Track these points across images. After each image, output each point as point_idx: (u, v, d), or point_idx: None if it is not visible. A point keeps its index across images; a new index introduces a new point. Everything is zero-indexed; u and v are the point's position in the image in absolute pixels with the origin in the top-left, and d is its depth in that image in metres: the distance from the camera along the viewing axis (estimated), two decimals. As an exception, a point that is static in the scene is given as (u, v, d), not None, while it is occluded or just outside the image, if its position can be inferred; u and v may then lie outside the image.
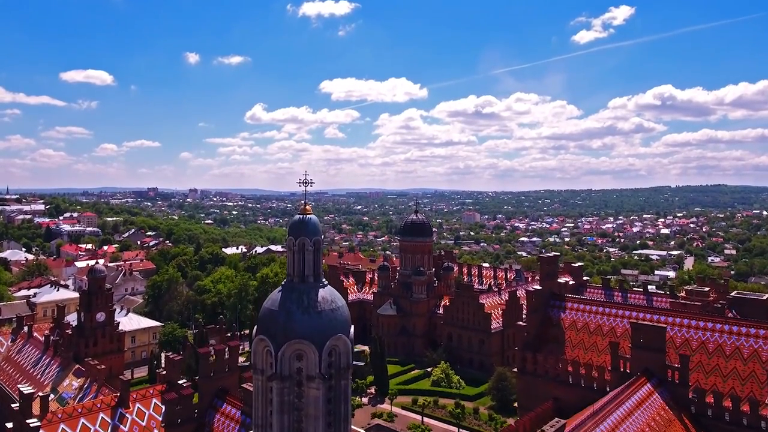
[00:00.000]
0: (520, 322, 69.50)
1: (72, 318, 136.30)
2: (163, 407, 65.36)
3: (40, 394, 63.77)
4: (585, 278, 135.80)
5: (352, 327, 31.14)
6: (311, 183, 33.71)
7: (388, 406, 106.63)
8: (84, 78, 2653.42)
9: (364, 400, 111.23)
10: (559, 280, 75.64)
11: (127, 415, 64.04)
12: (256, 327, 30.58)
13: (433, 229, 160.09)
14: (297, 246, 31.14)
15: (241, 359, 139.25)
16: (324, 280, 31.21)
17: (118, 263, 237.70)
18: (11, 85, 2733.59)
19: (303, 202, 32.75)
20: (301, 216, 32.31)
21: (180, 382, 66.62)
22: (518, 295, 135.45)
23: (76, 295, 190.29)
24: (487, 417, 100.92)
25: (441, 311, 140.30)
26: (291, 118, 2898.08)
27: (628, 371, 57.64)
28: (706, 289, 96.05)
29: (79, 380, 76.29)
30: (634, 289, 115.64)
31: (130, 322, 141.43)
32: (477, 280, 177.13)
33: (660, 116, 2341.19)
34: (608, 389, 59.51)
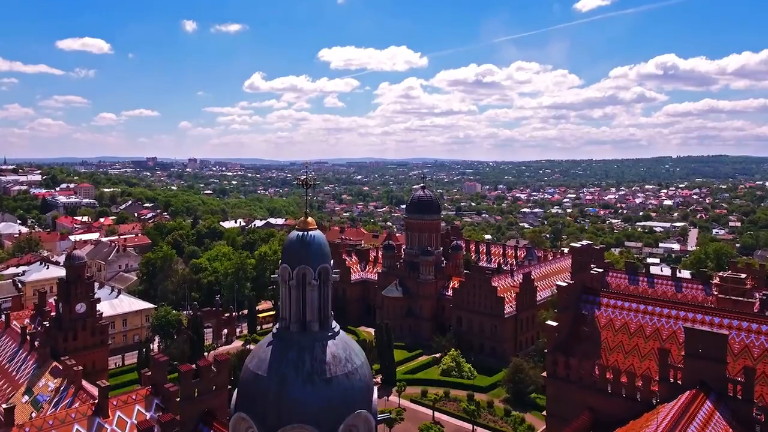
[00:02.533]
0: (550, 322, 61.53)
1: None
2: (147, 415, 58.19)
3: (4, 406, 56.19)
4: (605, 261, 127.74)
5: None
6: (314, 182, 24.68)
7: (396, 398, 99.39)
8: (81, 46, 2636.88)
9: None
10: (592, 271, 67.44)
11: (106, 425, 56.68)
12: (234, 396, 22.22)
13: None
14: (295, 279, 21.85)
15: (238, 343, 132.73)
16: (335, 325, 22.42)
17: (111, 238, 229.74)
18: (8, 54, 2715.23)
19: (304, 211, 23.40)
20: (301, 234, 22.56)
21: (167, 385, 59.59)
22: (532, 276, 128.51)
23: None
24: (502, 412, 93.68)
25: (450, 293, 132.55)
26: (290, 87, 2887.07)
27: (679, 382, 50.03)
28: (743, 276, 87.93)
29: (55, 381, 68.67)
30: (661, 273, 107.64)
31: (121, 304, 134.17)
32: (485, 258, 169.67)
33: (662, 86, 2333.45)
34: (655, 402, 51.99)
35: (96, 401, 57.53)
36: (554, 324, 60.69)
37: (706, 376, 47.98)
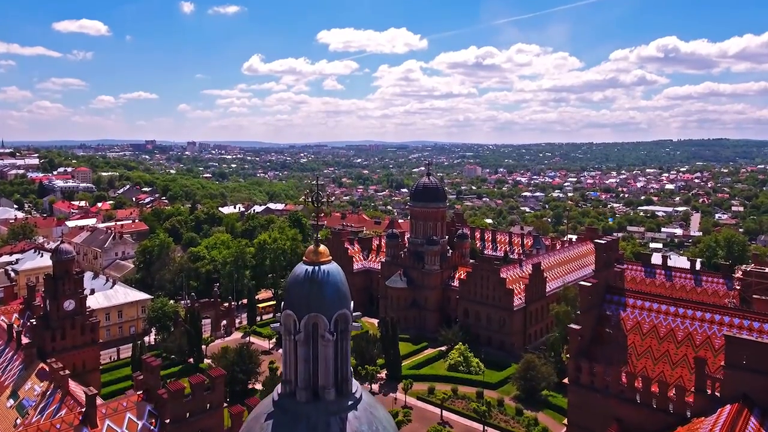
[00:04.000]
0: (573, 325, 57.10)
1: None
2: (139, 424, 54.22)
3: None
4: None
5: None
6: (327, 201, 19.52)
7: (402, 395, 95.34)
8: (78, 28, 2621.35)
9: (375, 387, 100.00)
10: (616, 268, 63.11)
11: (95, 436, 52.60)
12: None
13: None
14: (303, 331, 16.39)
15: (237, 335, 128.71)
16: (356, 387, 17.17)
17: (108, 224, 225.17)
18: (4, 36, 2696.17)
19: (314, 237, 17.84)
20: (311, 269, 17.05)
21: (160, 391, 55.63)
22: (541, 267, 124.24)
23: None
24: (514, 411, 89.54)
25: (456, 284, 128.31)
26: (289, 69, 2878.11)
27: (717, 395, 45.78)
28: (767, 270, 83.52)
29: (42, 384, 64.40)
30: (677, 266, 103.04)
31: (116, 295, 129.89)
32: (491, 246, 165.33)
33: (662, 69, 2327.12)
34: (689, 414, 47.83)
35: (83, 409, 53.55)
36: (577, 327, 56.27)
37: (749, 389, 43.75)
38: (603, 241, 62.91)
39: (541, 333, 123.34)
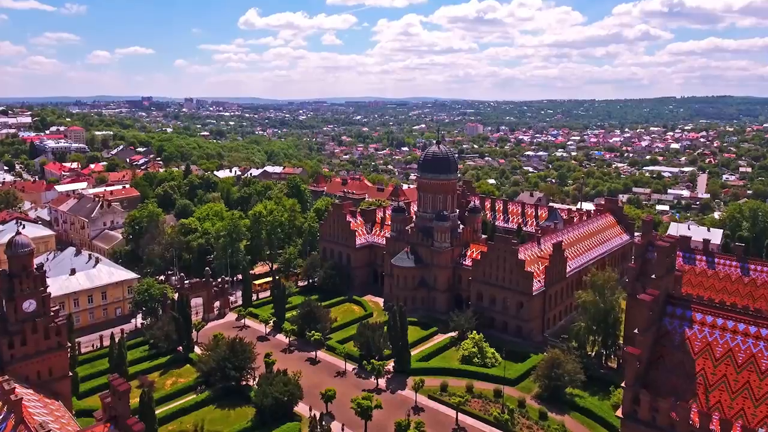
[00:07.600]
0: (631, 348, 47.19)
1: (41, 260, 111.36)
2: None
3: None
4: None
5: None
6: None
7: (412, 393, 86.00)
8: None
9: (382, 383, 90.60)
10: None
11: (49, 482, 43.37)
12: None
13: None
14: None
15: (232, 316, 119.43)
16: None
17: (97, 190, 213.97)
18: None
19: None
20: None
21: (130, 421, 46.53)
22: (563, 246, 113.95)
23: (49, 232, 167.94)
24: (537, 414, 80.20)
25: (467, 262, 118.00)
26: (287, 23, 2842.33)
27: (824, 449, 36.27)
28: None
29: (-5, 405, 54.69)
30: (718, 251, 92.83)
31: (99, 275, 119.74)
32: (502, 218, 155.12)
33: (666, 24, 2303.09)
34: (782, 469, 38.44)
35: (37, 447, 44.36)
36: (635, 351, 46.29)
37: None
38: (664, 246, 52.42)
39: (560, 317, 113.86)
